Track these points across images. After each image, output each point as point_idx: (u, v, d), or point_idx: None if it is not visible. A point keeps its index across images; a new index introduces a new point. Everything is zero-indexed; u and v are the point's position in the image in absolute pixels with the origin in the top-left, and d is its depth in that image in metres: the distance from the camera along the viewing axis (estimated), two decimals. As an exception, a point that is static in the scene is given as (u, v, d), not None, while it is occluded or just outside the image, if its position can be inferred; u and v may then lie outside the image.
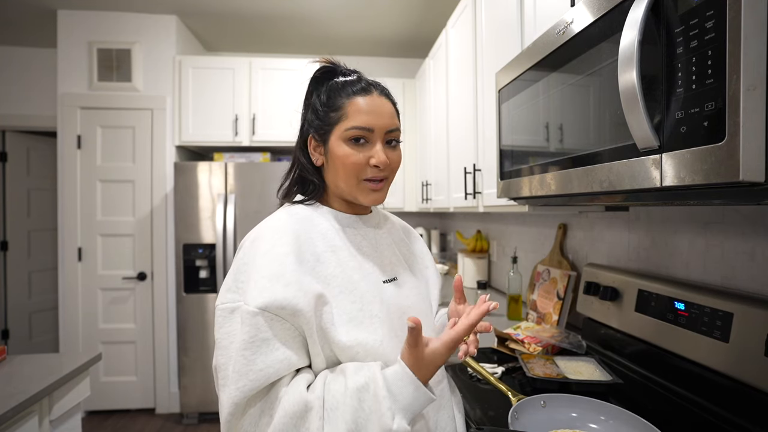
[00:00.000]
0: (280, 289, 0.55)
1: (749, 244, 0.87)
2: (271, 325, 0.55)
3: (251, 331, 0.54)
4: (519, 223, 2.03)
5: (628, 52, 0.56)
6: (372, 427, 0.52)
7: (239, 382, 0.53)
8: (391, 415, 0.52)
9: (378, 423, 0.52)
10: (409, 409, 0.54)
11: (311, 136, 0.71)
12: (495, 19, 1.45)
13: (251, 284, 0.56)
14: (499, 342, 1.29)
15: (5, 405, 0.99)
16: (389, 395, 0.53)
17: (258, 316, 0.54)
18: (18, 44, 2.95)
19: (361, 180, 0.67)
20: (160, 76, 2.65)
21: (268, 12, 2.61)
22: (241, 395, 0.53)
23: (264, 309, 0.54)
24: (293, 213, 0.67)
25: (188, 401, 2.49)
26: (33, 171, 3.22)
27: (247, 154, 2.67)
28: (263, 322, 0.54)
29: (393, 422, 0.52)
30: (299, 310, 0.55)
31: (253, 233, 0.64)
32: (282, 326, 0.56)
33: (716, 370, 0.83)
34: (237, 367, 0.53)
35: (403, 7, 2.56)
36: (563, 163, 0.82)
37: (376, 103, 0.67)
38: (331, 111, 0.67)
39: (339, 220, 0.71)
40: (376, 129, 0.66)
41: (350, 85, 0.68)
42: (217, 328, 0.57)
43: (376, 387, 0.54)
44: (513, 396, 0.88)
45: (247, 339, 0.54)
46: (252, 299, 0.55)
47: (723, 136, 0.46)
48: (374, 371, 0.56)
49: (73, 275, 2.58)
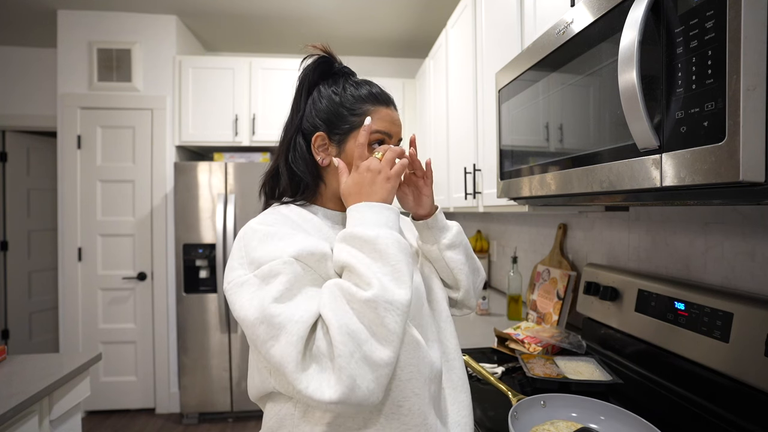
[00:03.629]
0: (294, 243, 0.57)
1: (749, 244, 0.87)
2: (295, 272, 0.55)
3: (290, 279, 0.54)
4: (519, 223, 2.03)
5: (628, 52, 0.56)
6: (370, 250, 0.55)
7: (288, 326, 0.51)
8: (367, 229, 0.56)
9: (367, 245, 0.55)
10: (378, 222, 0.58)
11: (319, 134, 0.68)
12: (495, 19, 1.45)
13: (262, 251, 0.56)
14: (499, 342, 1.29)
15: (5, 405, 0.99)
16: (355, 227, 0.57)
17: (294, 264, 0.55)
18: (18, 44, 2.95)
19: None
20: (160, 76, 2.65)
21: (268, 12, 2.61)
22: (296, 338, 0.50)
23: (284, 260, 0.54)
24: (283, 211, 0.66)
25: (188, 401, 2.50)
26: (33, 171, 3.22)
27: (247, 154, 2.67)
28: (287, 269, 0.54)
29: (372, 230, 0.56)
30: (326, 253, 0.58)
31: (247, 225, 0.63)
32: (305, 270, 0.56)
33: (716, 370, 0.83)
34: (275, 323, 0.51)
35: (403, 8, 2.56)
36: (563, 163, 0.82)
37: (394, 116, 0.71)
38: (353, 114, 0.68)
39: (330, 217, 0.71)
40: (393, 136, 0.70)
41: (377, 94, 0.70)
42: (234, 302, 0.55)
43: (345, 234, 0.57)
44: (513, 396, 0.88)
45: (275, 295, 0.52)
46: (269, 258, 0.55)
47: (723, 136, 0.46)
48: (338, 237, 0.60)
49: (73, 275, 2.58)
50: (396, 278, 0.53)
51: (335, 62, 0.72)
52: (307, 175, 0.69)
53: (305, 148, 0.70)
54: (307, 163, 0.69)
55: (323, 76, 0.72)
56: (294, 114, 0.71)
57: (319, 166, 0.70)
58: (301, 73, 0.71)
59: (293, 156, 0.70)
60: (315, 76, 0.71)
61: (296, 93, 0.72)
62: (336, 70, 0.73)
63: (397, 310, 0.52)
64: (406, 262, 0.55)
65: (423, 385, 0.61)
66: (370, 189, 0.61)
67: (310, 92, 0.71)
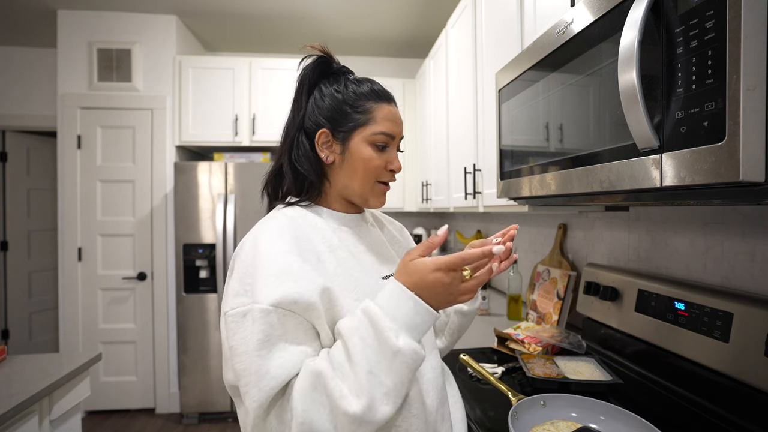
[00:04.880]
0: (290, 284, 0.54)
1: (749, 244, 0.87)
2: (284, 322, 0.53)
3: (266, 329, 0.52)
4: (519, 223, 2.03)
5: (628, 52, 0.56)
6: (383, 358, 0.50)
7: (260, 382, 0.51)
8: (395, 334, 0.50)
9: (385, 348, 0.50)
10: (413, 326, 0.52)
11: (323, 131, 0.68)
12: (495, 19, 1.45)
13: (259, 283, 0.55)
14: (499, 342, 1.29)
15: (5, 405, 0.99)
16: (386, 315, 0.52)
17: (271, 314, 0.53)
18: (18, 44, 2.95)
19: (376, 183, 0.70)
20: (160, 76, 2.65)
21: (268, 12, 2.61)
22: (264, 395, 0.51)
23: (277, 306, 0.53)
24: (289, 214, 0.66)
25: (188, 401, 2.49)
26: (33, 171, 3.22)
27: (247, 154, 2.67)
28: (276, 319, 0.53)
29: (398, 339, 0.50)
30: (311, 303, 0.54)
31: (251, 235, 0.63)
32: (294, 321, 0.54)
33: (716, 370, 0.83)
34: (255, 368, 0.51)
35: (403, 7, 2.56)
36: (563, 163, 0.82)
37: (397, 114, 0.71)
38: (356, 112, 0.68)
39: (335, 219, 0.71)
40: (396, 137, 0.70)
41: (379, 92, 0.70)
42: (231, 335, 0.54)
43: (372, 315, 0.52)
44: (513, 396, 0.88)
45: (262, 338, 0.52)
46: (264, 297, 0.53)
47: (723, 136, 0.46)
48: (365, 303, 0.55)
49: (73, 275, 2.58)
50: (390, 398, 0.51)
51: (333, 62, 0.73)
52: (311, 173, 0.69)
53: (309, 146, 0.69)
54: (311, 161, 0.69)
55: (323, 75, 0.72)
56: (295, 113, 0.71)
57: (323, 164, 0.70)
58: (300, 73, 0.71)
59: (296, 154, 0.69)
60: (315, 75, 0.71)
61: (296, 92, 0.72)
62: (335, 70, 0.73)
63: (374, 425, 0.50)
64: (409, 381, 0.52)
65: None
66: (439, 297, 0.54)
67: (311, 91, 0.71)
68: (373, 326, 0.52)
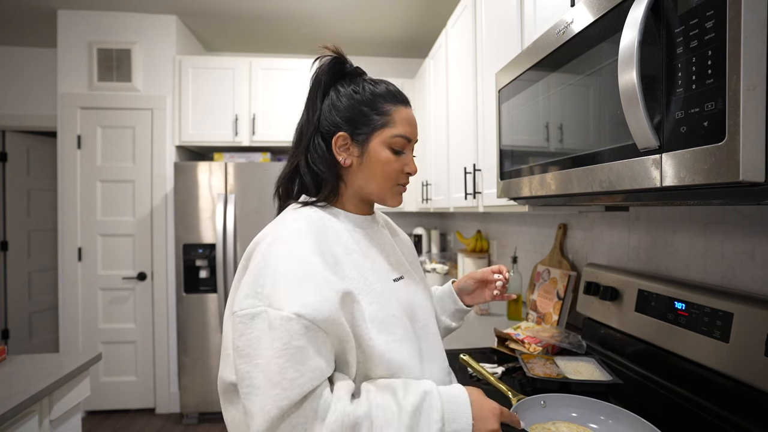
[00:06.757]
0: (312, 293, 0.53)
1: (749, 244, 0.87)
2: (306, 333, 0.52)
3: (285, 337, 0.50)
4: (519, 223, 2.03)
5: (628, 52, 0.56)
6: None
7: (272, 390, 0.49)
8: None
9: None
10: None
11: (341, 134, 0.67)
12: (495, 19, 1.45)
13: (279, 288, 0.53)
14: (499, 342, 1.29)
15: (5, 405, 0.99)
16: (441, 420, 0.55)
17: (292, 322, 0.51)
18: (18, 44, 2.95)
19: (395, 185, 0.71)
20: (160, 76, 2.65)
21: (268, 12, 2.61)
22: (275, 409, 0.49)
23: (299, 315, 0.51)
24: (307, 214, 0.65)
25: (188, 401, 2.50)
26: (33, 171, 3.22)
27: (247, 154, 2.67)
28: (298, 328, 0.51)
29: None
30: (335, 319, 0.54)
31: (269, 236, 0.61)
32: (316, 334, 0.53)
33: (716, 370, 0.83)
34: (269, 375, 0.50)
35: (403, 8, 2.56)
36: (563, 163, 0.82)
37: (413, 117, 0.72)
38: (375, 114, 0.68)
39: (350, 221, 0.71)
40: (413, 140, 0.71)
41: (396, 93, 0.70)
42: (238, 336, 0.53)
43: (430, 407, 0.56)
44: (513, 396, 0.88)
45: (279, 346, 0.50)
46: (285, 304, 0.52)
47: (723, 136, 0.46)
48: (431, 390, 0.58)
49: (73, 275, 2.58)
50: None
51: (347, 63, 0.72)
52: (328, 175, 0.68)
53: (325, 149, 0.68)
54: (328, 163, 0.68)
55: (337, 76, 0.71)
56: (310, 114, 0.70)
57: (339, 166, 0.69)
58: (314, 74, 0.70)
59: (312, 157, 0.68)
60: (329, 76, 0.70)
61: (310, 93, 0.71)
62: (349, 71, 0.73)
63: None
64: None
65: None
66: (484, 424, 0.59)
67: (326, 92, 0.70)
68: (428, 418, 0.56)
